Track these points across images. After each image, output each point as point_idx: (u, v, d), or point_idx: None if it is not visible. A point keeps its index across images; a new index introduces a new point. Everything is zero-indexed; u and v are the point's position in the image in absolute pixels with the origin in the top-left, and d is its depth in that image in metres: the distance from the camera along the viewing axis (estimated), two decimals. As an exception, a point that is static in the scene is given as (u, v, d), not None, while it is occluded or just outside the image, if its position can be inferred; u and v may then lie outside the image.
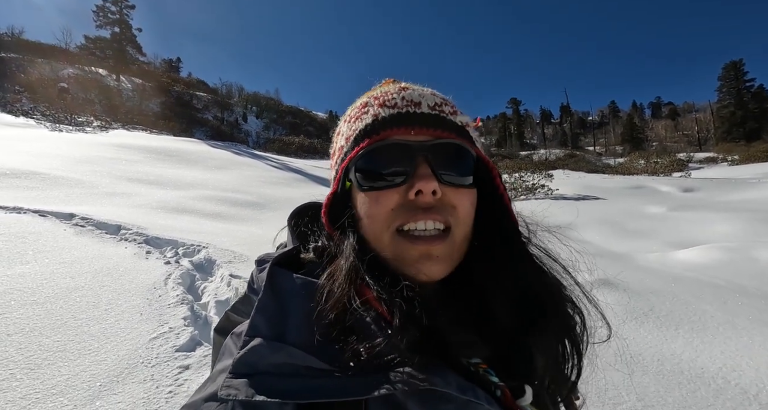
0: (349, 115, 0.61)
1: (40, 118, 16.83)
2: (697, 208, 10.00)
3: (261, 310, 0.47)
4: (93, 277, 3.00)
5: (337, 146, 0.62)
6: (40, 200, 5.40)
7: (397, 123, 0.53)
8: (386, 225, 0.51)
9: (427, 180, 0.50)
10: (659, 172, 20.18)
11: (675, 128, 67.86)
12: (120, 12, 34.80)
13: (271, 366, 0.42)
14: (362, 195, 0.53)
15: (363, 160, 0.54)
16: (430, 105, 0.56)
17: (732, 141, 44.69)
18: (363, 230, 0.54)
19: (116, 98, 27.94)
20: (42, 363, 1.92)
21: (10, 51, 27.91)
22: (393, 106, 0.55)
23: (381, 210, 0.51)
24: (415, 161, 0.51)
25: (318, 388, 0.41)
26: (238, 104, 41.03)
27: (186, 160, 11.70)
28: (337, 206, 0.58)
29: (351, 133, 0.58)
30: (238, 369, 0.42)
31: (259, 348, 0.43)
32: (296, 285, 0.50)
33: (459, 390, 0.42)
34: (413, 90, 0.58)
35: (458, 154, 0.55)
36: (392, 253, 0.51)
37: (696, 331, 2.80)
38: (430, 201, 0.50)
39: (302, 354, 0.43)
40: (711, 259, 5.42)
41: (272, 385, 0.40)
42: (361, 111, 0.58)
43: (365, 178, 0.53)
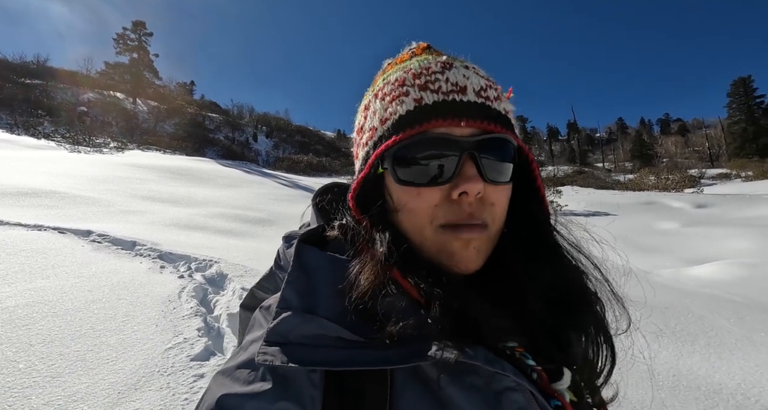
0: (381, 90, 0.55)
1: (60, 140, 17.43)
2: (711, 224, 9.85)
3: (291, 284, 0.48)
4: (110, 290, 3.07)
5: (368, 124, 0.56)
6: (60, 218, 5.56)
7: (443, 113, 0.49)
8: (428, 221, 0.50)
9: (474, 181, 0.48)
10: (671, 188, 19.95)
11: (685, 144, 67.34)
12: (139, 39, 36.39)
13: (302, 336, 0.43)
14: (400, 187, 0.51)
15: (404, 153, 0.50)
16: (476, 89, 0.51)
17: (745, 157, 44.07)
18: (399, 221, 0.52)
19: (132, 120, 28.88)
20: (63, 372, 1.97)
21: (36, 78, 29.19)
22: (437, 90, 0.50)
23: (423, 205, 0.50)
24: (461, 159, 0.49)
25: (348, 358, 0.42)
26: (249, 124, 41.99)
27: (198, 179, 11.96)
28: (366, 190, 0.55)
29: (387, 115, 0.53)
30: (272, 337, 0.43)
31: (290, 318, 0.44)
32: (324, 262, 0.51)
33: (486, 362, 0.42)
34: (456, 67, 0.52)
35: (504, 149, 0.52)
36: (434, 245, 0.50)
37: (713, 347, 2.75)
38: (473, 203, 0.49)
39: (333, 326, 0.43)
40: (727, 275, 5.32)
41: (304, 354, 0.42)
42: (398, 90, 0.52)
43: (406, 172, 0.50)
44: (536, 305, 0.52)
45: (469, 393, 0.43)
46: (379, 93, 0.55)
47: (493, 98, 0.52)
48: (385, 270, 0.47)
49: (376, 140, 0.54)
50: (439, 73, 0.51)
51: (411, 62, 0.55)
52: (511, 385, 0.44)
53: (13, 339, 2.25)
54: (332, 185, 0.66)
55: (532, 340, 0.51)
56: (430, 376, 0.43)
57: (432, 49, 0.58)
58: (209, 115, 38.68)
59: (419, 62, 0.54)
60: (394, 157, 0.51)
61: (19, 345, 2.19)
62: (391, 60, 0.60)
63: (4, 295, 2.80)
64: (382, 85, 0.55)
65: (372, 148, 0.54)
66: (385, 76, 0.56)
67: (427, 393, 0.43)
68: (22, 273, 3.28)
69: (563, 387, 0.49)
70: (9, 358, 2.05)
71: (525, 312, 0.52)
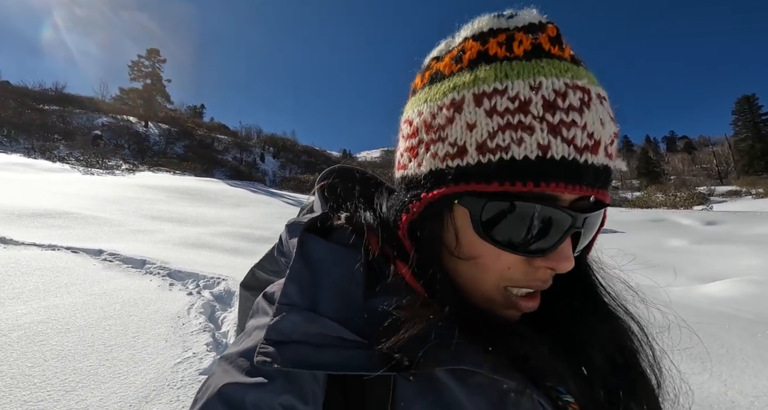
0: (490, 99, 0.41)
1: (74, 163, 17.89)
2: (721, 242, 9.72)
3: (293, 278, 0.45)
4: (121, 307, 3.13)
5: (453, 133, 0.42)
6: (72, 238, 5.68)
7: (566, 178, 0.39)
8: (495, 280, 0.45)
9: (568, 262, 0.43)
10: (679, 206, 19.79)
11: (692, 162, 67.11)
12: (153, 66, 37.76)
13: (304, 335, 0.41)
14: (477, 238, 0.43)
15: (502, 208, 0.41)
16: (607, 142, 0.41)
17: (754, 174, 43.77)
18: (461, 268, 0.46)
19: (144, 143, 29.68)
20: (77, 386, 2.01)
21: (53, 104, 30.37)
22: (570, 141, 0.39)
23: (499, 267, 0.44)
24: (566, 236, 0.42)
25: (352, 359, 0.40)
26: (257, 145, 42.85)
27: (206, 199, 12.15)
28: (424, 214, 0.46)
29: (491, 145, 0.40)
30: (272, 335, 0.41)
31: (292, 316, 0.43)
32: (329, 255, 0.48)
33: (491, 370, 0.41)
34: (594, 104, 0.41)
35: (600, 222, 0.47)
36: (488, 303, 0.46)
37: (724, 364, 2.71)
38: (549, 276, 0.45)
39: (335, 325, 0.42)
40: (739, 293, 5.23)
41: (305, 355, 0.40)
42: (518, 115, 0.39)
43: (494, 228, 0.42)
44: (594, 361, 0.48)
45: (473, 393, 0.41)
46: (485, 100, 0.41)
47: (615, 155, 0.43)
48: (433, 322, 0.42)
49: (462, 166, 0.42)
50: (577, 111, 0.39)
51: (540, 69, 0.40)
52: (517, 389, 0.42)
53: (29, 354, 2.30)
54: (335, 169, 0.62)
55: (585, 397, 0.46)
56: (435, 374, 0.42)
57: (562, 44, 0.43)
58: (218, 136, 39.59)
59: (552, 77, 0.40)
60: (486, 205, 0.41)
61: (35, 361, 2.24)
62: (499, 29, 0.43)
63: (20, 313, 2.87)
64: (492, 91, 0.41)
65: (454, 173, 0.42)
66: (499, 76, 0.41)
67: (431, 392, 0.42)
68: (36, 292, 3.36)
69: None
70: (25, 373, 2.11)
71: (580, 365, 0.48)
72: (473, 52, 0.44)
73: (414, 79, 0.52)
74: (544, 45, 0.42)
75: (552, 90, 0.39)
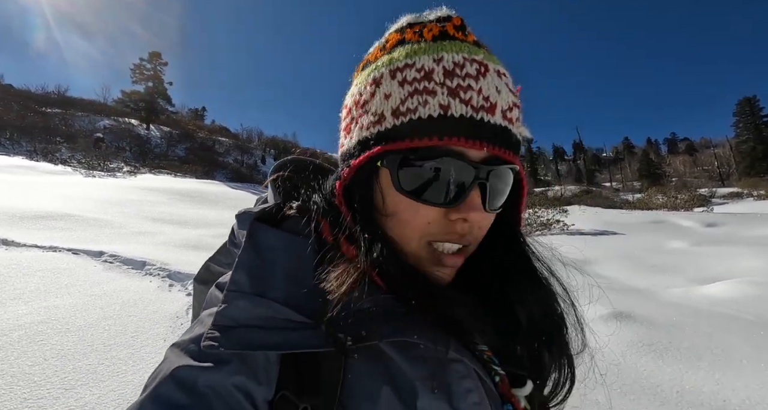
0: (401, 72, 0.48)
1: (76, 166, 17.98)
2: (722, 243, 9.70)
3: (242, 266, 0.47)
4: (121, 308, 3.16)
5: (375, 105, 0.49)
6: (74, 240, 5.72)
7: (467, 132, 0.45)
8: (418, 236, 0.49)
9: (477, 211, 0.47)
10: (680, 207, 19.77)
11: (693, 163, 67.04)
12: (154, 69, 37.90)
13: (252, 319, 0.43)
14: (398, 194, 0.48)
15: (413, 162, 0.47)
16: (504, 108, 0.47)
17: (756, 175, 43.71)
18: (386, 225, 0.50)
19: (145, 145, 29.79)
20: (76, 384, 2.04)
21: (56, 107, 30.55)
22: (467, 101, 0.45)
23: (418, 221, 0.48)
24: (471, 186, 0.47)
25: (300, 340, 0.42)
26: (258, 147, 43.02)
27: (207, 201, 12.20)
28: (355, 180, 0.52)
29: (403, 109, 0.47)
30: (220, 321, 0.42)
31: (240, 301, 0.44)
32: (277, 241, 0.49)
33: (432, 341, 0.44)
34: (491, 74, 0.48)
35: (509, 179, 0.51)
36: (415, 258, 0.50)
37: (719, 364, 2.72)
38: (466, 228, 0.49)
39: (283, 309, 0.43)
40: (738, 294, 5.23)
41: (252, 337, 0.41)
42: (423, 82, 0.46)
43: (410, 182, 0.47)
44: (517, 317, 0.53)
45: (415, 363, 0.44)
46: (398, 73, 0.48)
47: (515, 120, 0.50)
48: (366, 274, 0.46)
49: (382, 131, 0.48)
50: (473, 78, 0.46)
51: (443, 47, 0.48)
52: (455, 358, 0.46)
53: (29, 353, 2.33)
54: (289, 160, 0.64)
55: (506, 349, 0.53)
56: (381, 349, 0.45)
57: (466, 30, 0.51)
58: (219, 139, 39.73)
59: (453, 53, 0.47)
60: (401, 162, 0.47)
61: (35, 360, 2.27)
62: (414, 22, 0.53)
63: (21, 313, 2.90)
64: (404, 65, 0.48)
65: (375, 138, 0.49)
66: (409, 53, 0.49)
67: (378, 364, 0.44)
68: (37, 293, 3.40)
69: (522, 394, 0.51)
70: (25, 372, 2.14)
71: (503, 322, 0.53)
72: (393, 41, 0.52)
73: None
74: (450, 31, 0.50)
75: (452, 62, 0.47)
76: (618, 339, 3.08)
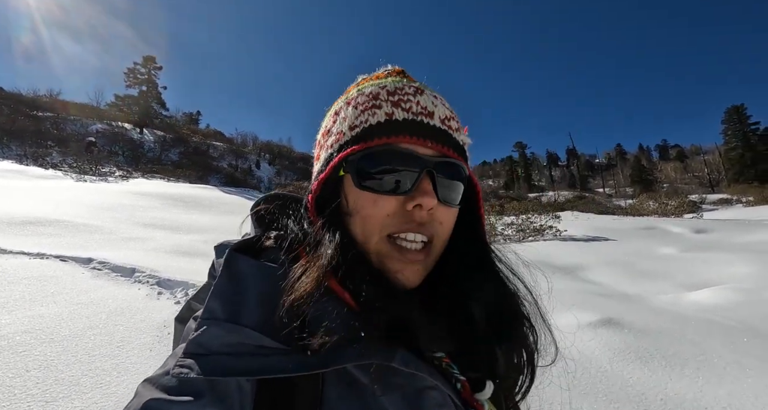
0: (355, 99, 0.59)
1: (67, 170, 17.79)
2: (710, 249, 9.81)
3: (217, 294, 0.47)
4: (107, 317, 3.13)
5: (336, 128, 0.59)
6: (62, 246, 5.64)
7: (410, 131, 0.53)
8: (378, 229, 0.53)
9: (430, 196, 0.52)
10: (670, 214, 20.00)
11: (684, 170, 67.96)
12: (148, 73, 37.83)
13: (224, 346, 0.43)
14: (358, 192, 0.54)
15: (369, 160, 0.53)
16: (442, 117, 0.56)
17: (745, 182, 44.37)
18: (351, 225, 0.55)
19: (138, 149, 29.57)
20: (57, 396, 2.02)
21: (47, 110, 30.16)
22: (408, 109, 0.55)
23: (378, 213, 0.53)
24: (421, 175, 0.53)
25: (271, 365, 0.42)
26: (252, 152, 42.86)
27: (200, 206, 12.12)
28: (324, 193, 0.58)
29: (357, 122, 0.56)
30: (192, 349, 0.43)
31: (213, 329, 0.44)
32: (253, 269, 0.50)
33: (402, 363, 0.45)
34: (427, 94, 0.57)
35: (458, 174, 0.57)
36: (377, 255, 0.53)
37: (702, 371, 2.75)
38: (424, 216, 0.53)
39: (257, 335, 0.44)
40: (724, 300, 5.30)
41: (224, 364, 0.42)
42: (371, 102, 0.56)
43: (367, 177, 0.53)
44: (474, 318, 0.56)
45: (391, 392, 0.45)
46: (352, 101, 0.58)
47: (455, 128, 0.58)
48: (326, 275, 0.48)
49: (342, 144, 0.56)
50: (411, 94, 0.56)
51: (386, 80, 0.59)
52: (430, 385, 0.47)
53: (11, 365, 2.30)
54: (273, 195, 0.67)
55: (464, 352, 0.55)
56: (356, 377, 0.45)
57: (406, 74, 0.63)
58: (214, 143, 39.56)
59: (394, 82, 0.59)
60: (358, 162, 0.54)
61: (16, 371, 2.24)
62: (367, 76, 0.64)
63: (3, 323, 2.86)
64: (356, 95, 0.59)
65: (336, 151, 0.57)
66: (360, 88, 0.60)
67: (353, 393, 0.45)
68: (22, 301, 3.35)
69: (484, 397, 0.53)
70: (5, 384, 2.10)
71: (461, 325, 0.56)
72: (350, 89, 0.63)
73: None
74: (392, 73, 0.62)
75: (393, 86, 0.58)
76: (606, 346, 3.11)
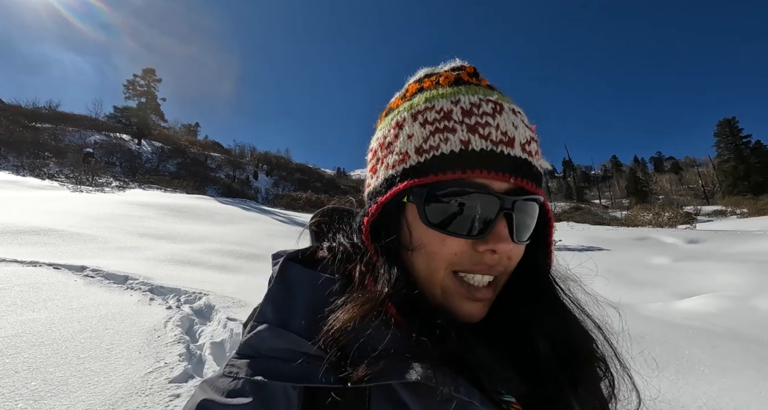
0: (422, 114, 0.52)
1: (63, 181, 17.82)
2: (702, 259, 9.92)
3: (269, 299, 0.49)
4: (98, 321, 3.16)
5: (399, 146, 0.53)
6: (56, 255, 5.65)
7: (488, 164, 0.47)
8: (444, 265, 0.49)
9: (505, 242, 0.48)
10: (664, 224, 20.17)
11: (679, 181, 68.62)
12: (148, 85, 38.18)
13: (272, 350, 0.45)
14: (425, 227, 0.50)
15: (438, 195, 0.49)
16: (522, 142, 0.50)
17: (738, 194, 44.79)
18: (412, 259, 0.51)
19: (136, 160, 29.68)
20: (45, 396, 2.05)
21: (46, 121, 30.37)
22: (486, 136, 0.48)
23: (445, 252, 0.49)
24: (497, 217, 0.48)
25: (314, 374, 0.42)
26: (250, 163, 43.01)
27: (196, 216, 12.14)
28: (382, 217, 0.54)
29: (426, 146, 0.50)
30: (243, 350, 0.45)
31: (263, 332, 0.46)
32: (305, 278, 0.52)
33: (465, 393, 0.42)
34: (506, 112, 0.51)
35: (535, 210, 0.52)
36: (441, 290, 0.50)
37: (682, 373, 2.81)
38: (495, 259, 0.49)
39: (303, 342, 0.45)
40: (712, 307, 5.37)
41: (270, 368, 0.43)
42: (443, 122, 0.50)
43: (436, 215, 0.49)
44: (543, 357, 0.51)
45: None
46: (419, 116, 0.52)
47: (534, 153, 0.52)
48: (379, 307, 0.46)
49: (406, 168, 0.51)
50: (489, 115, 0.49)
51: (459, 91, 0.52)
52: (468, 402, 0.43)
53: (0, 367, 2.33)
54: (330, 209, 0.66)
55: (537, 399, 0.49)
56: (404, 400, 0.43)
57: (480, 77, 0.55)
58: (212, 154, 39.76)
59: (469, 95, 0.51)
60: (427, 196, 0.49)
61: (4, 372, 2.27)
62: (431, 73, 0.58)
63: (-5, 326, 2.89)
64: (424, 108, 0.52)
65: (400, 175, 0.51)
66: (429, 98, 0.53)
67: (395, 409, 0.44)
68: (13, 307, 3.37)
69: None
70: (-6, 384, 2.14)
71: (528, 364, 0.51)
72: (412, 90, 0.57)
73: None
74: (464, 78, 0.54)
75: (469, 102, 0.50)
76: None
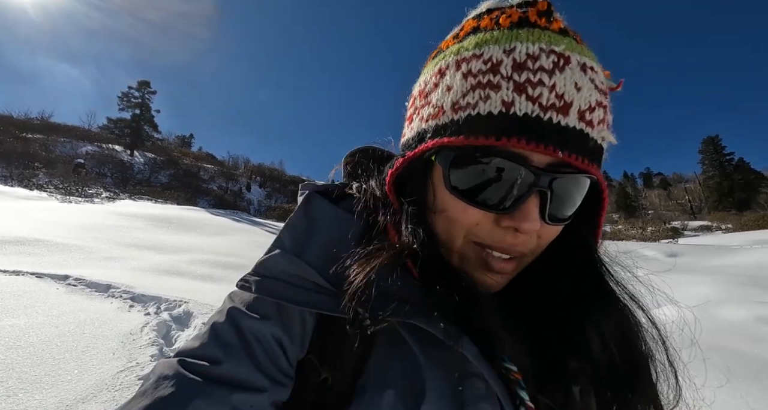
0: (468, 62, 0.44)
1: (52, 191, 17.73)
2: (678, 272, 10.08)
3: (289, 227, 0.52)
4: (76, 326, 3.27)
5: (436, 97, 0.46)
6: (40, 264, 5.64)
7: (530, 133, 0.40)
8: (463, 234, 0.46)
9: (532, 223, 0.42)
10: (648, 239, 20.57)
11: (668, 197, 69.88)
12: (142, 97, 38.27)
13: (283, 273, 0.47)
14: (449, 193, 0.45)
15: (466, 160, 0.43)
16: (582, 109, 0.41)
17: (724, 210, 45.71)
18: (432, 220, 0.48)
19: (127, 171, 29.63)
20: (18, 392, 2.17)
21: (38, 132, 30.30)
22: (535, 98, 0.40)
23: (465, 220, 0.45)
24: (529, 194, 0.42)
25: (321, 302, 0.44)
26: (243, 175, 43.07)
27: (185, 227, 12.10)
28: (407, 171, 0.50)
29: (463, 102, 0.43)
30: (257, 269, 0.48)
31: (277, 256, 0.48)
32: (328, 213, 0.52)
33: (444, 334, 0.41)
34: (572, 68, 0.41)
35: (579, 189, 0.45)
36: (459, 258, 0.47)
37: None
38: (521, 239, 0.44)
39: (314, 272, 0.46)
40: (675, 317, 5.56)
41: (279, 289, 0.46)
42: (488, 74, 0.42)
43: (462, 181, 0.44)
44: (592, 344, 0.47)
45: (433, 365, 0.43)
46: (463, 64, 0.44)
47: (597, 122, 0.43)
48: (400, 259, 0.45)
49: (439, 124, 0.45)
50: (547, 72, 0.41)
51: (518, 36, 0.43)
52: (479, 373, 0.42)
53: (-24, 367, 2.44)
54: (370, 149, 0.63)
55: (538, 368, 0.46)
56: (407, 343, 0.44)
57: (551, 17, 0.44)
58: (205, 165, 39.78)
59: (528, 43, 0.42)
60: (454, 159, 0.44)
61: (-20, 372, 2.38)
62: (494, 7, 0.48)
63: (-26, 331, 2.98)
64: (471, 56, 0.44)
65: (432, 131, 0.46)
66: (479, 42, 0.44)
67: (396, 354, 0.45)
68: (-6, 313, 3.45)
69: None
70: (-30, 383, 2.25)
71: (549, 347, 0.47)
72: (467, 28, 0.48)
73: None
74: (531, 17, 0.44)
75: (525, 53, 0.41)
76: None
